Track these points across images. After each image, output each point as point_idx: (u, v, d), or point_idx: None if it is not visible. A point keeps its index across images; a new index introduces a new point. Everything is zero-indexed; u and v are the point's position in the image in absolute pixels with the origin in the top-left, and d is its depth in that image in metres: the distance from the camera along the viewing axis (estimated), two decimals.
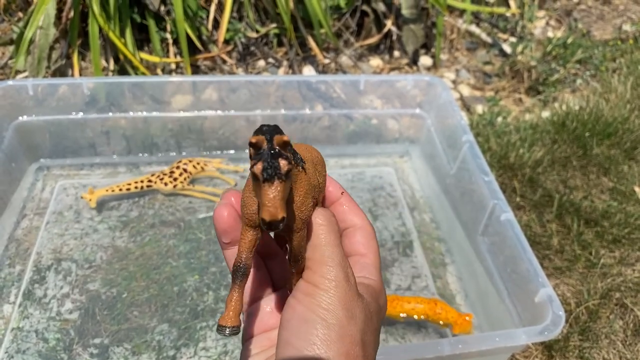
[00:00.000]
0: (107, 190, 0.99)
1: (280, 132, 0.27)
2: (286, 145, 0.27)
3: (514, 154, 1.22)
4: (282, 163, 0.26)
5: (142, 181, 1.01)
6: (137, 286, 0.89)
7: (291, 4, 1.34)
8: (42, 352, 0.79)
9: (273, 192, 0.26)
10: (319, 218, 0.32)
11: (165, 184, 1.01)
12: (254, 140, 0.26)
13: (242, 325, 0.35)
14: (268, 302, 0.36)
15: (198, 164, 1.05)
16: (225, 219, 0.33)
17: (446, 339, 0.68)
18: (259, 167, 0.26)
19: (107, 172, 1.08)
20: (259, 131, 0.27)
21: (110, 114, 1.04)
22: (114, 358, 0.79)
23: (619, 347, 0.91)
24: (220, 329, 0.31)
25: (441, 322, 0.86)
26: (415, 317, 0.86)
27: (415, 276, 0.95)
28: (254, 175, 0.27)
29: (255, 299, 0.37)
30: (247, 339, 0.35)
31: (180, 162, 1.04)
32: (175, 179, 1.01)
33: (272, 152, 0.26)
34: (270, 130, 0.27)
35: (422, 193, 1.11)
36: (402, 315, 0.86)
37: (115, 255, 0.93)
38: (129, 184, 1.00)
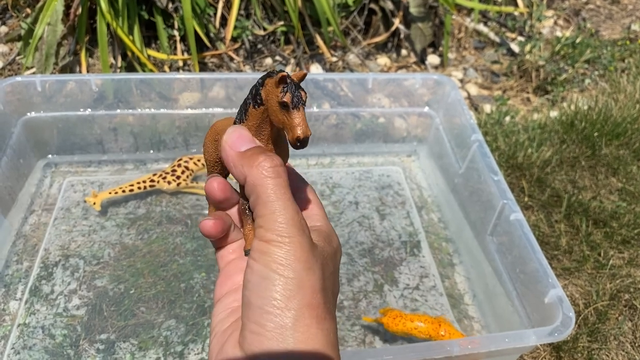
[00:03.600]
0: (110, 193, 0.98)
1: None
2: (303, 79, 0.33)
3: (522, 154, 1.22)
4: (303, 93, 0.32)
5: (144, 181, 1.00)
6: (145, 283, 0.89)
7: (299, 2, 1.33)
8: (49, 348, 0.79)
9: (301, 115, 0.32)
10: (264, 170, 0.32)
11: (169, 183, 1.00)
12: (283, 75, 0.32)
13: None
14: (238, 263, 0.37)
15: (199, 160, 1.04)
16: (217, 189, 0.37)
17: (455, 340, 0.68)
18: (288, 97, 0.32)
19: (114, 169, 1.08)
20: (271, 73, 0.33)
21: (118, 110, 1.04)
22: (121, 354, 0.79)
23: (627, 348, 0.91)
24: (247, 252, 0.37)
25: None
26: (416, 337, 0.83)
27: (423, 276, 0.94)
28: (283, 104, 0.32)
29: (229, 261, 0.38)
30: (217, 300, 0.36)
31: (180, 159, 1.03)
32: (178, 177, 1.01)
33: (295, 85, 0.32)
34: (280, 72, 0.33)
35: (430, 192, 1.11)
36: (402, 332, 0.83)
37: (122, 252, 0.93)
38: (132, 185, 0.99)
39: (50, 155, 1.08)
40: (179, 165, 1.02)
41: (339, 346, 0.32)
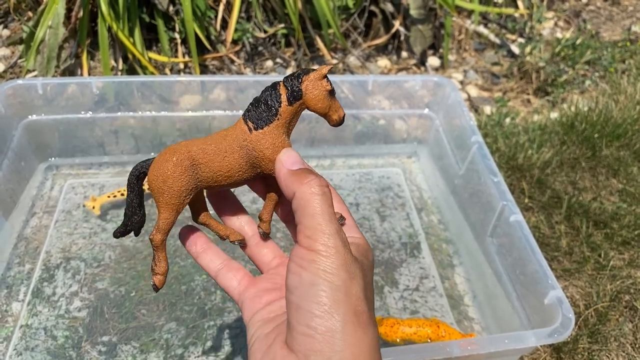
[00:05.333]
0: (108, 196, 0.99)
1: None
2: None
3: (522, 155, 1.22)
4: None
5: (143, 184, 1.00)
6: (146, 285, 0.89)
7: (299, 4, 1.34)
8: (51, 349, 0.80)
9: (337, 101, 0.39)
10: (313, 188, 0.35)
11: None
12: (329, 68, 0.38)
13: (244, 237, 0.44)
14: (257, 286, 0.41)
15: None
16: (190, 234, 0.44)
17: (455, 341, 0.68)
18: (332, 86, 0.38)
19: (115, 171, 1.09)
20: (304, 71, 0.38)
21: (119, 113, 1.04)
22: (122, 356, 0.79)
23: (628, 350, 0.91)
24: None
25: None
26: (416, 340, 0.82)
27: (423, 277, 0.95)
28: (332, 92, 0.38)
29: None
30: (249, 317, 0.39)
31: None
32: None
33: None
34: (310, 69, 0.39)
35: (430, 194, 1.11)
36: (401, 339, 0.82)
37: (123, 254, 0.93)
38: None
39: (51, 158, 1.08)
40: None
41: (380, 351, 0.35)
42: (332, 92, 0.39)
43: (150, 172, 0.39)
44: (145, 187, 1.01)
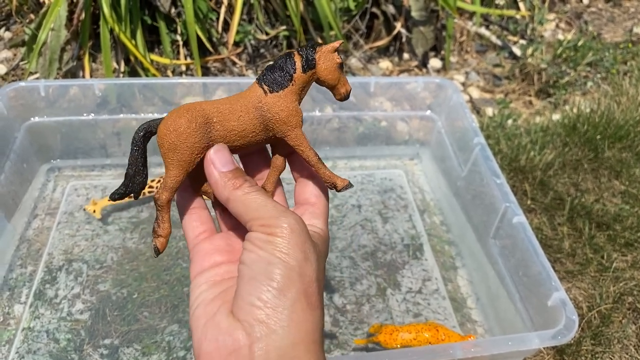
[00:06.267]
0: (109, 200, 0.98)
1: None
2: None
3: (524, 157, 1.22)
4: None
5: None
6: (148, 287, 0.89)
7: (301, 6, 1.34)
8: (53, 352, 0.80)
9: (345, 76, 0.42)
10: (245, 189, 0.37)
11: None
12: (340, 42, 0.40)
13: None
14: (212, 242, 0.41)
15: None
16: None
17: (458, 343, 0.68)
18: (341, 60, 0.41)
19: (117, 173, 1.09)
20: (315, 44, 0.40)
21: (121, 115, 1.04)
22: (124, 359, 0.79)
23: (631, 351, 0.90)
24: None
25: None
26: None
27: (426, 279, 0.94)
28: (341, 65, 0.41)
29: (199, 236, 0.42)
30: (195, 275, 0.39)
31: None
32: None
33: None
34: (321, 43, 0.41)
35: (432, 195, 1.11)
36: (401, 345, 0.80)
37: (125, 256, 0.93)
38: None
39: (53, 160, 1.08)
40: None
41: (323, 337, 0.36)
42: (341, 66, 0.41)
43: (162, 127, 0.38)
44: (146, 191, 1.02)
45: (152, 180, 1.02)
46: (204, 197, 0.43)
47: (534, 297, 0.78)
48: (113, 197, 0.40)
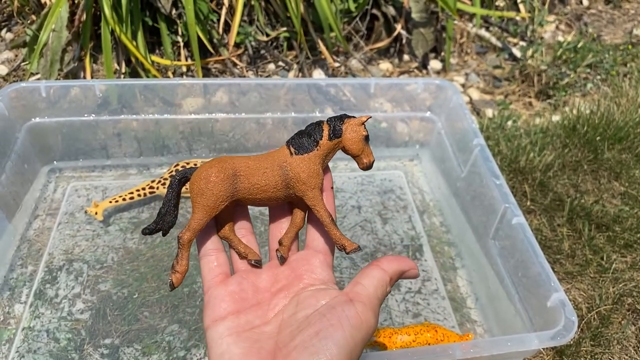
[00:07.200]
0: (110, 202, 0.99)
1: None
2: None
3: (524, 158, 1.22)
4: None
5: (143, 188, 1.00)
6: (148, 287, 0.89)
7: (301, 8, 1.34)
8: (53, 351, 0.80)
9: (370, 147, 0.45)
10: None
11: None
12: (368, 117, 0.44)
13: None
14: (227, 286, 0.42)
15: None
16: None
17: (458, 343, 0.68)
18: (366, 133, 0.44)
19: (118, 174, 1.09)
20: (345, 115, 0.44)
21: (122, 116, 1.05)
22: (125, 359, 0.80)
23: (631, 352, 0.91)
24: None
25: None
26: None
27: (426, 280, 0.95)
28: (367, 137, 0.44)
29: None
30: (211, 322, 0.40)
31: (177, 165, 1.03)
32: None
33: None
34: (352, 116, 0.44)
35: (432, 196, 1.11)
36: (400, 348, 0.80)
37: (126, 256, 0.94)
38: (132, 193, 1.00)
39: (54, 161, 1.08)
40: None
41: None
42: (366, 138, 0.44)
43: (195, 174, 0.42)
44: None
45: (153, 181, 1.02)
46: (226, 239, 0.45)
47: (534, 297, 0.78)
48: (144, 231, 0.44)
